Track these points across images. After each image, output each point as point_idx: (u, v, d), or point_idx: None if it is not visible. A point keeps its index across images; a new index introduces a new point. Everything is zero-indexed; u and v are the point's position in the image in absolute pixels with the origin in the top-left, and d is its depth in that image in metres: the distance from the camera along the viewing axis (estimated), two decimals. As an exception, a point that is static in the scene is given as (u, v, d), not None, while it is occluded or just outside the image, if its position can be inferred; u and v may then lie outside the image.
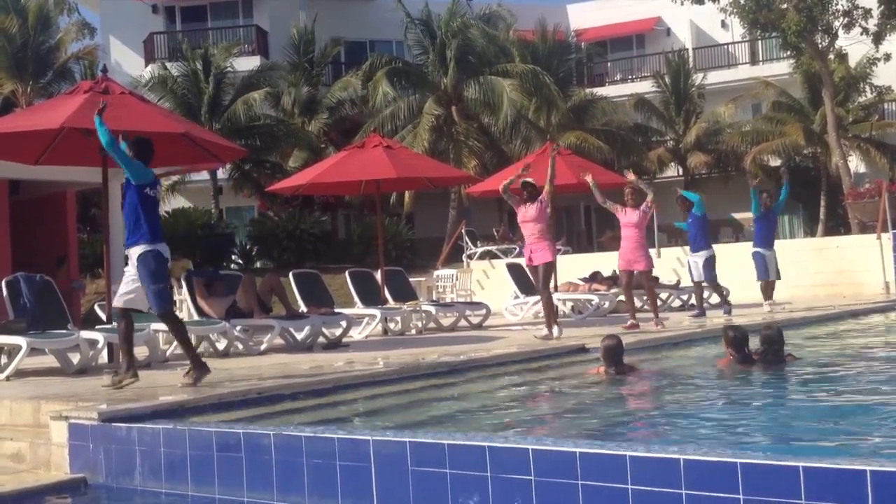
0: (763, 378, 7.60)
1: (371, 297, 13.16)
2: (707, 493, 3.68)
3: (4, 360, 8.89)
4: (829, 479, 3.46)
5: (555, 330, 10.34)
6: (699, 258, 13.64)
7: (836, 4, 24.80)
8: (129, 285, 7.28)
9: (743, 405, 6.64)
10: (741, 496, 3.60)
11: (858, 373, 7.87)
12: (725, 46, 36.67)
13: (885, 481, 3.35)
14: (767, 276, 13.80)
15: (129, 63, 34.16)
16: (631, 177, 12.69)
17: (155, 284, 7.15)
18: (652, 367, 8.73)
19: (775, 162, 32.82)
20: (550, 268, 10.91)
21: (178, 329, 7.59)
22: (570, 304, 15.71)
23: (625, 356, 7.90)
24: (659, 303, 16.43)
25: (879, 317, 13.14)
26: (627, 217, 11.88)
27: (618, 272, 12.52)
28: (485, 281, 20.11)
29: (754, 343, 7.93)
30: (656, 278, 16.39)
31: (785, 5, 24.71)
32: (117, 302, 7.45)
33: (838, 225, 29.02)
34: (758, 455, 3.68)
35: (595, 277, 16.30)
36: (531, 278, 15.79)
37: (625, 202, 11.96)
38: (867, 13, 24.87)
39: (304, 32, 32.55)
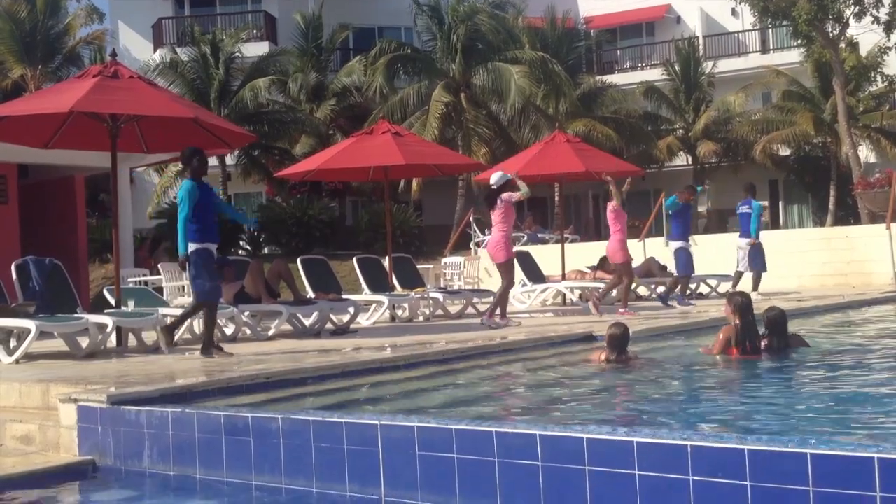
0: (768, 367, 7.59)
1: (379, 283, 13.17)
2: (714, 480, 3.68)
3: (14, 343, 8.92)
4: (836, 466, 3.45)
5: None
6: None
7: (848, -7, 24.65)
8: None
9: (748, 393, 6.64)
10: (748, 482, 3.60)
11: (866, 362, 7.85)
12: (736, 35, 36.51)
13: (893, 468, 3.35)
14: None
15: (137, 48, 34.19)
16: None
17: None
18: (656, 356, 8.73)
19: (785, 151, 32.72)
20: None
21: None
22: (577, 292, 15.70)
23: (633, 343, 7.91)
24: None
25: (889, 307, 13.11)
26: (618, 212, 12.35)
27: (617, 265, 12.58)
28: (492, 269, 20.05)
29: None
30: (664, 267, 16.43)
31: (796, -7, 24.56)
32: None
33: (848, 215, 28.94)
34: (765, 442, 3.68)
35: (603, 264, 16.28)
36: (539, 267, 15.90)
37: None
38: (879, 2, 24.71)
39: (313, 18, 32.52)
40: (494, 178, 11.23)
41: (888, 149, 30.62)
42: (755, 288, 14.59)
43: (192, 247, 8.39)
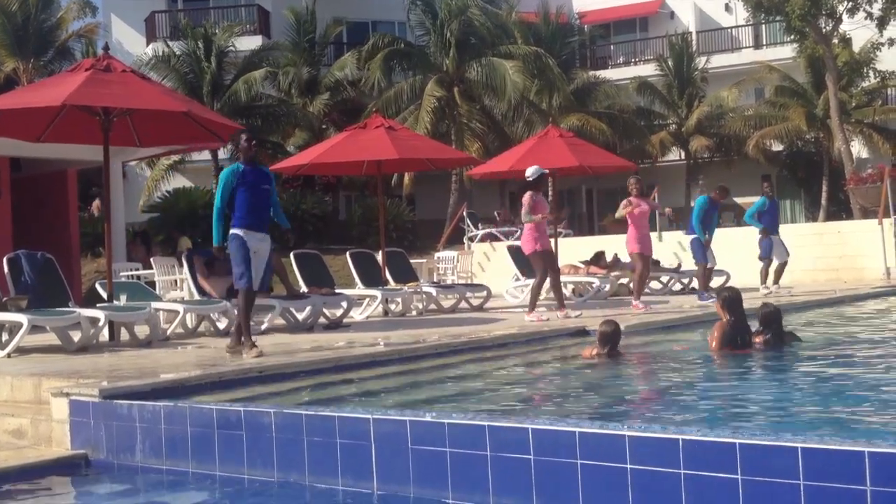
0: (759, 361, 7.61)
1: (372, 278, 13.17)
2: (706, 473, 3.70)
3: (6, 337, 8.90)
4: (827, 460, 3.47)
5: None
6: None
7: (841, -12, 24.70)
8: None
9: (739, 387, 6.65)
10: (739, 476, 3.62)
11: (858, 357, 7.88)
12: (729, 30, 36.55)
13: (884, 462, 3.36)
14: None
15: (130, 42, 34.08)
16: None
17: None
18: (649, 350, 8.75)
19: (778, 147, 32.76)
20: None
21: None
22: (570, 287, 15.72)
23: (625, 337, 7.93)
24: (660, 286, 16.54)
25: (880, 302, 13.15)
26: (641, 206, 12.25)
27: (634, 257, 12.60)
28: (485, 263, 20.13)
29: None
30: (657, 262, 16.47)
31: (789, -11, 24.59)
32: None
33: (840, 210, 29.00)
34: (756, 435, 3.70)
35: (597, 260, 16.31)
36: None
37: (631, 191, 12.29)
38: (872, -3, 24.76)
39: (306, 12, 32.46)
40: (530, 171, 11.20)
41: (880, 144, 30.68)
42: (763, 280, 14.48)
43: (231, 231, 8.17)
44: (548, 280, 11.17)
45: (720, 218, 14.78)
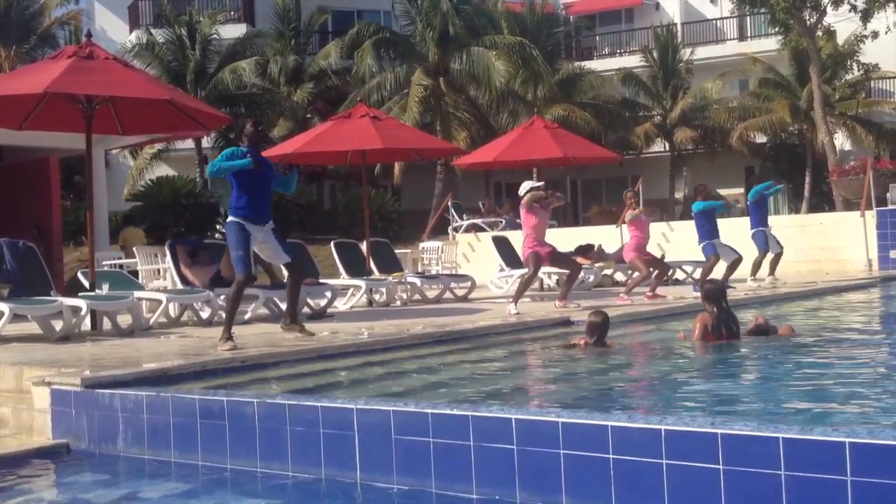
0: (743, 352, 7.65)
1: (356, 268, 13.14)
2: (688, 463, 3.71)
3: (-13, 326, 8.83)
4: (808, 451, 3.49)
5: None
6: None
7: (825, -19, 24.77)
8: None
9: (722, 378, 6.69)
10: (721, 466, 3.63)
11: (840, 348, 7.93)
12: (714, 22, 36.62)
13: (864, 452, 3.38)
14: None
15: (113, 29, 33.84)
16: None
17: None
18: (635, 341, 8.77)
19: (762, 139, 32.89)
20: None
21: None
22: (554, 278, 15.73)
23: (611, 328, 7.95)
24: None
25: (861, 293, 13.24)
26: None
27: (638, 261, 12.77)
28: (470, 254, 20.13)
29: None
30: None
31: (774, -19, 24.63)
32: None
33: (823, 202, 29.14)
34: (738, 426, 3.71)
35: (586, 251, 16.32)
36: (516, 252, 15.93)
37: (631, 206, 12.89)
38: (856, -10, 24.84)
39: (291, 0, 32.32)
40: (523, 188, 11.36)
41: (863, 137, 30.83)
42: (753, 273, 14.50)
43: (230, 218, 7.90)
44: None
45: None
